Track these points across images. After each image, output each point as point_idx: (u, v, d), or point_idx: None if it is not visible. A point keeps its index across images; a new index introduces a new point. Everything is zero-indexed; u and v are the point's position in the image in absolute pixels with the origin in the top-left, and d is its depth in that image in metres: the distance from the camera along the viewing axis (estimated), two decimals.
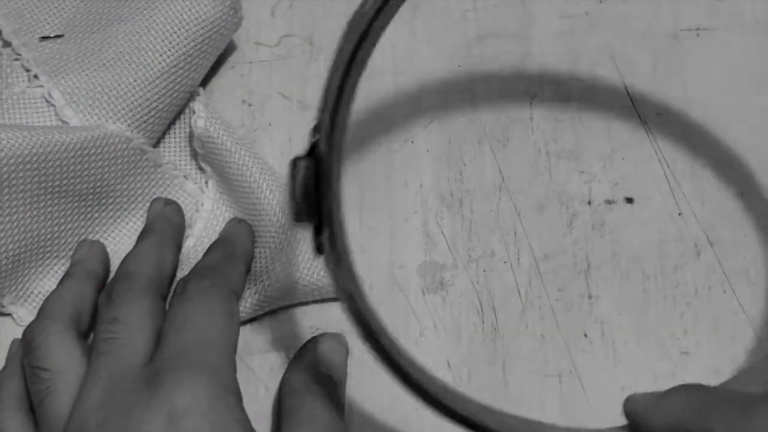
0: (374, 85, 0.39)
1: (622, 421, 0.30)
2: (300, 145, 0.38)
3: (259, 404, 0.35)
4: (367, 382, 0.34)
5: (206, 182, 0.37)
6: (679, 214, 0.38)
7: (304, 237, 0.35)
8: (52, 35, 0.37)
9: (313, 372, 0.32)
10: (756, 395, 0.26)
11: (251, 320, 0.36)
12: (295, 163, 0.27)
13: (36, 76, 0.36)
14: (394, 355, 0.28)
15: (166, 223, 0.36)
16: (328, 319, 0.36)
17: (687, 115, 0.39)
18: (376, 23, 0.27)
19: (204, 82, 0.38)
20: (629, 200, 0.38)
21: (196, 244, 0.36)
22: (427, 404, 0.28)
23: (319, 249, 0.28)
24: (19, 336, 0.33)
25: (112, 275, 0.35)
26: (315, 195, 0.27)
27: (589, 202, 0.38)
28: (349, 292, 0.28)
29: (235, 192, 0.36)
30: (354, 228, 0.37)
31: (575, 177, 0.38)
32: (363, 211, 0.37)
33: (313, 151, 0.27)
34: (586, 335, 0.36)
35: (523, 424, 0.30)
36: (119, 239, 0.36)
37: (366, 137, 0.38)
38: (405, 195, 0.38)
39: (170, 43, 0.35)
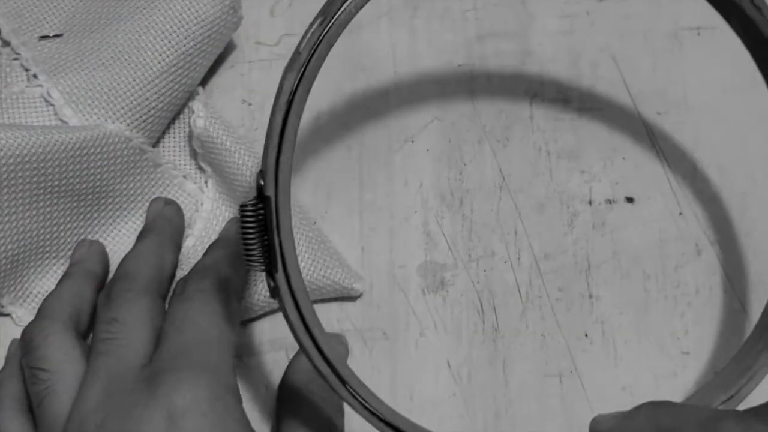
0: (374, 85, 0.39)
1: None
2: (299, 145, 0.38)
3: (259, 404, 0.34)
4: (366, 383, 0.34)
5: (206, 182, 0.37)
6: (680, 213, 0.38)
7: (306, 236, 0.35)
8: (51, 34, 0.37)
9: (313, 372, 0.32)
10: (720, 411, 0.26)
11: (251, 320, 0.36)
12: (243, 208, 0.27)
13: (35, 76, 0.35)
14: (364, 403, 0.29)
15: (166, 223, 0.36)
16: (328, 319, 0.36)
17: (687, 114, 0.39)
18: (309, 66, 0.28)
19: (203, 82, 0.38)
20: (630, 200, 0.38)
21: (195, 243, 0.36)
22: None
23: (273, 293, 0.28)
24: (18, 336, 0.33)
25: (111, 275, 0.35)
26: (266, 238, 0.27)
27: (590, 202, 0.38)
28: (303, 345, 0.28)
29: (235, 192, 0.36)
30: (354, 228, 0.37)
31: (576, 176, 0.38)
32: (363, 211, 0.37)
33: (260, 195, 0.27)
34: (586, 335, 0.36)
35: None
36: (118, 239, 0.36)
37: (366, 137, 0.38)
38: (405, 195, 0.38)
39: (169, 42, 0.35)
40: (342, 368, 0.28)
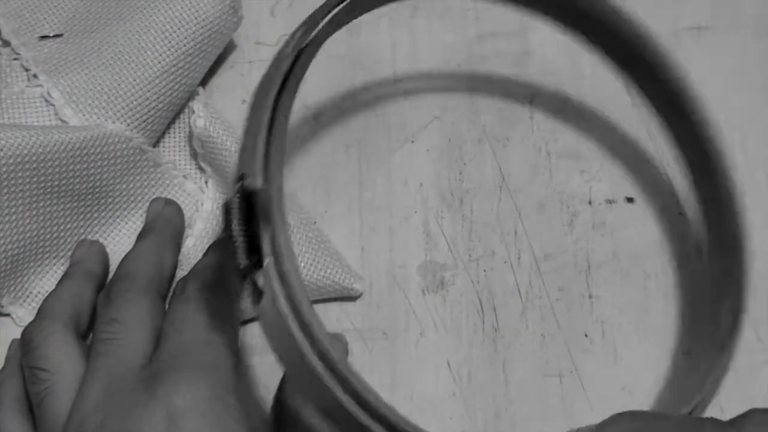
0: (374, 85, 0.39)
1: None
2: (299, 145, 0.38)
3: (259, 404, 0.34)
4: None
5: (206, 182, 0.37)
6: (680, 213, 0.38)
7: (306, 236, 0.35)
8: (51, 34, 0.37)
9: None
10: (699, 419, 0.26)
11: (251, 320, 0.36)
12: (227, 206, 0.26)
13: (35, 76, 0.35)
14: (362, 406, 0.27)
15: (166, 223, 0.36)
16: (329, 319, 0.36)
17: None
18: (301, 58, 0.28)
19: (204, 82, 0.38)
20: (630, 200, 0.38)
21: (195, 244, 0.36)
22: None
23: (256, 296, 0.26)
24: (18, 336, 0.33)
25: (111, 275, 0.35)
26: (252, 233, 0.26)
27: (590, 202, 0.38)
28: (298, 348, 0.26)
29: None
30: (354, 228, 0.37)
31: (576, 176, 0.38)
32: (363, 210, 0.37)
33: (243, 194, 0.26)
34: (586, 335, 0.36)
35: None
36: (119, 239, 0.36)
37: (366, 136, 0.38)
38: (405, 194, 0.38)
39: (170, 42, 0.35)
40: (342, 366, 0.27)
